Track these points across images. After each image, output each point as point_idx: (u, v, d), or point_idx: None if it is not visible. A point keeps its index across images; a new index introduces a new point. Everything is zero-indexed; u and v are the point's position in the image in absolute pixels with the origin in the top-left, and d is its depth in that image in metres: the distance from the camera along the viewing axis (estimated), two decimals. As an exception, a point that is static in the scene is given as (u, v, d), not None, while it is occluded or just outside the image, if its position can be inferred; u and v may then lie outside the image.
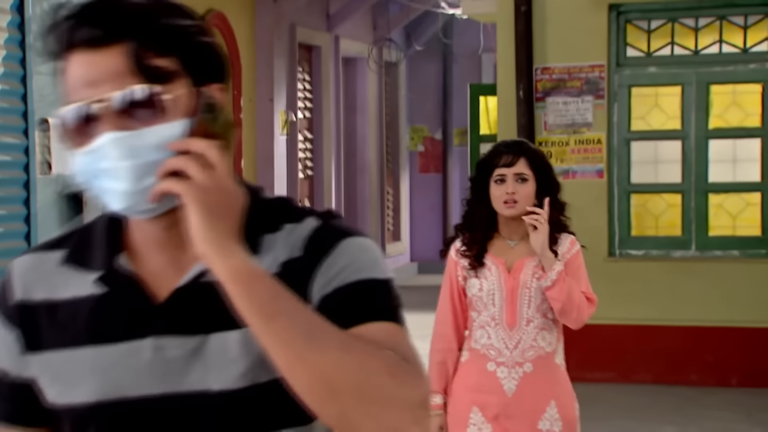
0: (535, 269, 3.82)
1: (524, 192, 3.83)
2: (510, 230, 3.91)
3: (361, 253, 1.66)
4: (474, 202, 3.94)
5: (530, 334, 3.80)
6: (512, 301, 3.81)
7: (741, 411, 7.89)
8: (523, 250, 3.88)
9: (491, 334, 3.83)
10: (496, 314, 3.83)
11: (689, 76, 8.89)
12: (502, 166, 3.86)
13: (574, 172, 8.98)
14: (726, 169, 8.98)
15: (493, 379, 3.81)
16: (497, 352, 3.81)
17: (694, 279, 8.80)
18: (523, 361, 3.80)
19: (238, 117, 11.00)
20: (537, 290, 3.79)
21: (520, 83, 8.92)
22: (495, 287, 3.83)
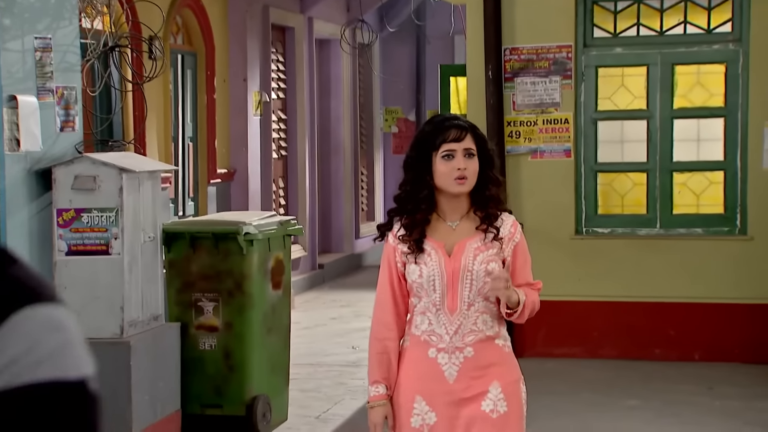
0: (476, 250, 3.70)
1: (473, 168, 3.69)
2: (451, 209, 3.76)
3: (43, 336, 1.15)
4: (415, 181, 3.73)
5: (470, 318, 3.70)
6: (453, 286, 3.70)
7: (702, 384, 8.11)
8: (463, 230, 3.74)
9: (432, 319, 3.72)
10: (437, 300, 3.71)
11: (654, 56, 9.08)
12: (451, 141, 3.68)
13: (543, 151, 9.16)
14: (690, 149, 9.19)
15: (434, 366, 3.71)
16: (438, 338, 3.72)
17: (659, 256, 9.01)
18: (463, 346, 3.70)
19: (212, 97, 11.12)
20: (478, 273, 3.67)
21: (489, 64, 9.08)
22: (435, 273, 3.69)
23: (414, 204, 3.73)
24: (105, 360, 6.33)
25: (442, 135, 3.70)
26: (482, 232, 3.72)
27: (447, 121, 3.76)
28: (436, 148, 3.69)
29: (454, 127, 3.71)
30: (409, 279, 3.73)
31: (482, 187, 3.74)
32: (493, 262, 3.68)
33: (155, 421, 6.61)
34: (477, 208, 3.74)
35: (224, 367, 6.96)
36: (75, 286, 6.36)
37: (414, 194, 3.73)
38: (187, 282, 6.96)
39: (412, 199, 3.73)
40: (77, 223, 6.35)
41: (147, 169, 6.67)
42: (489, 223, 3.72)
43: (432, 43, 16.79)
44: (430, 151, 3.70)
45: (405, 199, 3.76)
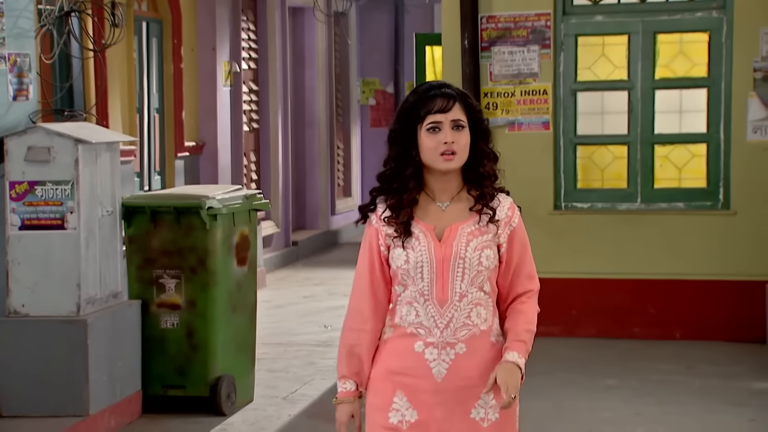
0: (469, 235, 3.45)
1: (462, 141, 3.41)
2: (441, 188, 3.48)
3: None
4: (400, 157, 3.44)
5: (463, 311, 3.44)
6: (443, 274, 3.45)
7: (682, 363, 8.10)
8: (455, 212, 3.48)
9: (419, 310, 3.46)
10: (425, 289, 3.45)
11: (636, 24, 9.03)
12: (437, 111, 3.39)
13: (520, 123, 9.11)
14: (672, 120, 9.15)
15: (420, 361, 3.46)
16: (426, 331, 3.46)
17: (640, 232, 8.98)
18: (455, 342, 3.43)
19: (179, 67, 11.02)
20: (471, 261, 3.43)
21: (465, 32, 9.02)
22: (424, 258, 3.44)
23: (400, 183, 3.46)
24: (61, 339, 6.29)
25: (426, 105, 3.41)
26: (476, 213, 3.46)
27: (433, 89, 3.46)
28: (420, 120, 3.40)
29: (440, 96, 3.42)
30: (393, 265, 3.48)
31: (475, 162, 3.47)
32: (488, 249, 3.44)
33: (114, 402, 6.56)
34: (470, 186, 3.48)
35: (187, 346, 6.91)
36: (29, 262, 6.30)
37: (399, 172, 3.45)
38: (148, 258, 6.90)
39: (397, 178, 3.46)
40: (31, 196, 6.28)
41: (104, 140, 6.60)
42: (484, 204, 3.46)
43: (411, 12, 16.71)
44: (415, 123, 3.41)
45: (390, 177, 3.47)
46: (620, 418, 6.80)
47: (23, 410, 6.28)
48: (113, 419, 6.54)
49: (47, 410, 6.26)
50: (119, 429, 6.59)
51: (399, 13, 16.79)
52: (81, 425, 6.25)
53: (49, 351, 6.27)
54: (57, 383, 6.28)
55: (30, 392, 6.28)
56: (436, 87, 3.46)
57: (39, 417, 6.25)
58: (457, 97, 3.44)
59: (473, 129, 3.45)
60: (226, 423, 6.79)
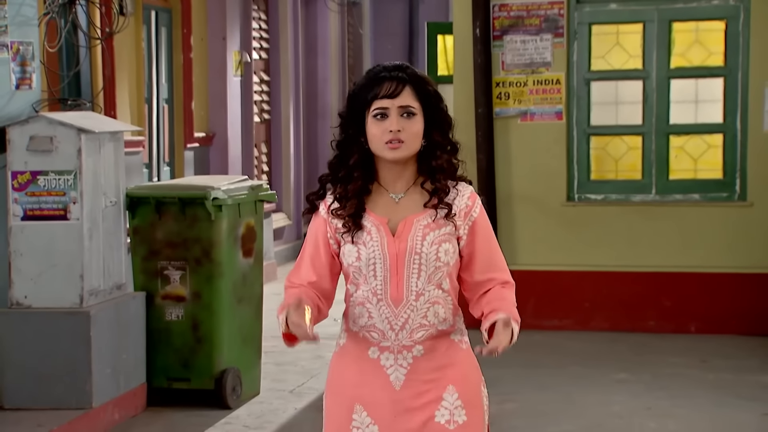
0: (425, 228, 3.23)
1: (412, 129, 3.20)
2: (393, 178, 3.27)
3: None
4: (346, 144, 3.27)
5: (420, 311, 3.22)
6: (398, 271, 3.22)
7: (696, 357, 8.08)
8: (410, 204, 3.26)
9: (372, 312, 3.23)
10: (378, 288, 3.22)
11: (651, 12, 9.00)
12: (383, 97, 3.19)
13: (533, 113, 9.10)
14: (688, 110, 9.12)
15: (376, 368, 3.23)
16: (380, 335, 3.23)
17: (654, 224, 8.96)
18: (411, 344, 3.22)
19: (188, 57, 11.04)
20: (428, 256, 3.21)
21: (477, 21, 9.01)
22: (376, 254, 3.22)
23: (346, 171, 3.26)
24: (63, 331, 6.32)
25: (373, 89, 3.20)
26: (432, 208, 3.24)
27: (384, 71, 3.23)
28: (367, 105, 3.21)
29: (388, 79, 3.20)
30: (345, 262, 3.26)
31: (430, 154, 3.25)
32: (446, 243, 3.23)
33: (118, 394, 6.58)
34: (425, 178, 3.27)
35: (192, 338, 6.93)
36: (31, 253, 6.32)
37: (344, 160, 3.26)
38: (153, 250, 6.92)
39: (342, 166, 3.26)
40: (33, 186, 6.30)
41: (108, 129, 6.62)
42: (439, 199, 3.24)
43: (426, 1, 16.69)
44: (363, 108, 3.22)
45: (336, 165, 3.28)
46: (630, 411, 6.79)
47: (25, 403, 6.30)
48: (117, 412, 6.57)
49: (50, 403, 6.29)
50: (123, 422, 6.61)
51: (414, 2, 16.77)
52: (84, 418, 6.28)
53: (52, 343, 6.30)
54: (60, 376, 6.30)
55: (32, 385, 6.30)
56: (388, 69, 3.24)
57: (41, 410, 6.27)
58: (409, 80, 3.21)
59: (429, 117, 3.24)
60: (231, 416, 6.81)
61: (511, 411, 6.71)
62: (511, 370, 7.70)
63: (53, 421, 6.16)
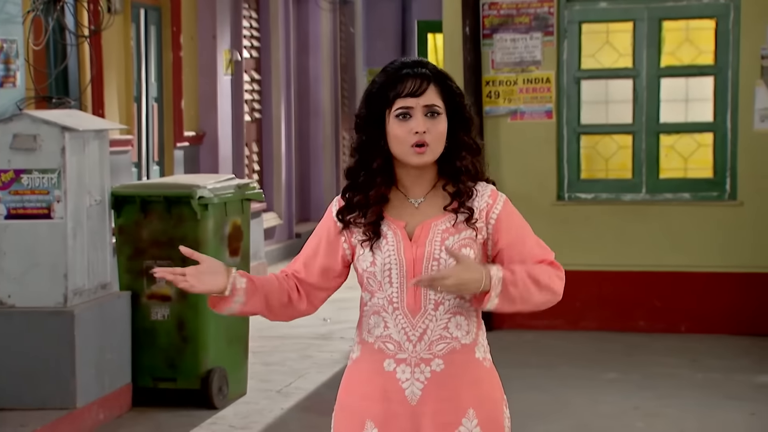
0: (444, 233, 3.04)
1: (437, 130, 3.00)
2: (413, 183, 3.08)
3: None
4: (366, 147, 3.05)
5: (440, 322, 3.04)
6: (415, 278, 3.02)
7: (686, 357, 8.07)
8: (429, 209, 3.08)
9: (388, 321, 3.06)
10: (394, 296, 3.05)
11: (641, 11, 8.99)
12: (407, 95, 3.00)
13: (522, 112, 9.08)
14: (678, 109, 9.11)
15: (392, 381, 3.05)
16: (396, 346, 3.05)
17: (644, 223, 8.95)
18: (430, 357, 3.03)
19: (178, 55, 11.02)
20: (448, 261, 3.01)
21: (467, 19, 8.99)
22: (392, 260, 3.04)
23: (367, 177, 3.05)
24: (47, 330, 6.29)
25: (395, 87, 3.00)
26: (452, 212, 3.05)
27: (405, 68, 3.03)
28: (388, 105, 3.00)
29: (412, 76, 3.01)
30: (359, 268, 3.09)
31: (453, 155, 3.05)
32: (466, 248, 3.04)
33: (103, 394, 6.56)
34: (446, 181, 3.07)
35: (178, 338, 6.90)
36: (15, 252, 6.30)
37: (365, 164, 3.04)
38: (138, 248, 6.90)
39: (363, 171, 3.05)
40: (17, 185, 6.28)
41: (92, 127, 6.59)
42: (460, 203, 3.04)
43: (418, 0, 16.66)
44: (383, 108, 3.01)
45: (355, 170, 3.07)
46: (619, 411, 6.78)
47: (9, 403, 6.27)
48: (102, 412, 6.54)
49: (33, 403, 6.26)
50: (108, 422, 6.59)
51: (406, 1, 16.75)
52: (68, 418, 6.26)
53: (36, 343, 6.27)
54: (43, 375, 6.28)
55: (16, 385, 6.28)
56: (409, 65, 3.03)
57: (25, 410, 6.24)
58: (433, 77, 3.02)
59: (452, 116, 3.04)
60: (217, 416, 6.79)
61: (499, 411, 6.68)
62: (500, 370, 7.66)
63: (37, 421, 6.13)
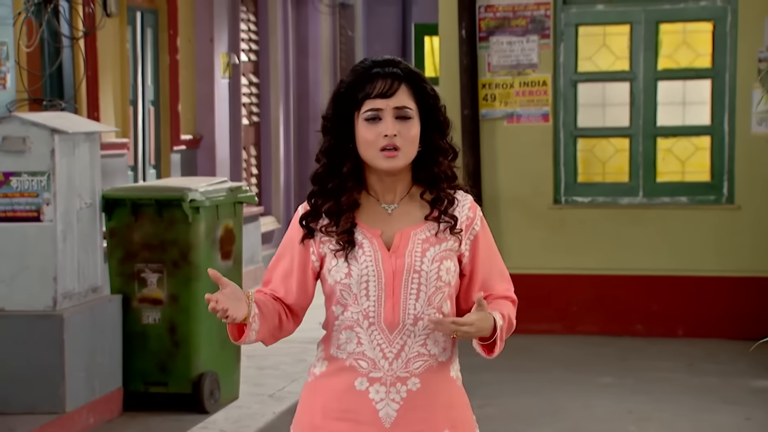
0: (425, 243, 2.87)
1: (409, 134, 2.84)
2: (385, 188, 2.90)
3: None
4: (334, 150, 2.88)
5: (418, 338, 2.85)
6: (394, 291, 2.84)
7: (683, 361, 8.03)
8: (404, 216, 2.90)
9: (362, 338, 2.86)
10: (371, 310, 2.85)
11: (638, 14, 8.96)
12: (377, 96, 2.83)
13: (519, 115, 9.05)
14: (675, 112, 9.08)
15: (364, 401, 2.85)
16: (371, 364, 2.85)
17: (641, 227, 8.91)
18: (407, 376, 2.84)
19: (175, 58, 11.00)
20: (429, 275, 2.84)
21: (463, 22, 8.96)
22: (369, 271, 2.84)
23: (337, 182, 2.87)
24: (37, 334, 6.27)
25: (364, 88, 2.84)
26: (433, 221, 2.89)
27: (375, 67, 2.87)
28: (357, 106, 2.85)
29: (381, 76, 2.84)
30: (330, 280, 2.89)
31: (429, 160, 2.90)
32: (448, 260, 2.87)
33: (93, 398, 6.53)
34: (423, 188, 2.92)
35: (169, 342, 6.88)
36: (4, 255, 6.27)
37: (334, 169, 2.88)
38: (130, 252, 6.87)
39: (333, 176, 2.88)
40: (6, 187, 6.26)
41: (83, 130, 6.57)
42: (442, 211, 2.89)
43: (418, 3, 16.64)
44: (351, 109, 2.86)
45: (324, 175, 2.90)
46: (612, 416, 6.74)
47: (-2, 407, 6.25)
48: (92, 416, 6.52)
49: (22, 407, 6.23)
50: (98, 426, 6.56)
51: (406, 5, 16.73)
52: (57, 422, 6.23)
53: (25, 346, 6.25)
54: (33, 379, 6.25)
55: (4, 388, 6.25)
56: (380, 64, 2.88)
57: (14, 414, 6.22)
58: (404, 78, 2.86)
59: (426, 119, 2.88)
60: (208, 421, 6.76)
61: (491, 415, 6.65)
62: (493, 375, 7.65)
63: (25, 425, 6.11)
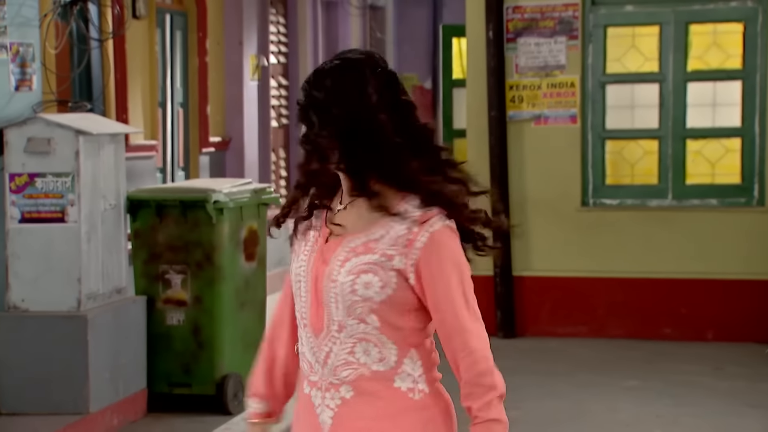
0: (350, 252, 2.65)
1: None
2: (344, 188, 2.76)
3: None
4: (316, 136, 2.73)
5: (344, 345, 2.67)
6: (317, 296, 2.69)
7: (710, 365, 7.96)
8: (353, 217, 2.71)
9: (303, 339, 2.76)
10: (303, 311, 2.73)
11: (667, 14, 8.89)
12: None
13: (546, 117, 9.01)
14: (705, 114, 9.01)
15: (308, 405, 2.76)
16: (308, 367, 2.75)
17: (670, 229, 8.84)
18: (338, 383, 2.69)
19: (204, 60, 11.03)
20: (344, 287, 2.64)
21: (490, 23, 8.94)
22: (302, 271, 2.72)
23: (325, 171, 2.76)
24: (61, 334, 6.30)
25: None
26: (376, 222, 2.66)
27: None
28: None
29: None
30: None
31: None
32: (368, 274, 2.64)
33: (117, 399, 6.55)
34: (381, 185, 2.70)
35: (193, 343, 6.89)
36: (28, 255, 6.30)
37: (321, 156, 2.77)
38: (154, 253, 6.89)
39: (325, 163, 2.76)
40: (31, 188, 6.29)
41: (107, 131, 6.59)
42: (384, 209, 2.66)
43: (449, 5, 16.60)
44: None
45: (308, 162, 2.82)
46: (637, 419, 6.69)
47: (22, 407, 6.28)
48: (116, 417, 6.53)
49: (47, 408, 6.26)
50: (122, 427, 6.58)
51: (437, 7, 16.70)
52: (80, 423, 6.25)
53: (49, 347, 6.27)
54: (57, 380, 6.28)
55: (30, 389, 6.28)
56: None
57: (38, 414, 6.25)
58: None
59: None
60: (231, 422, 6.77)
61: (515, 418, 6.57)
62: (520, 378, 7.61)
63: (49, 425, 6.14)
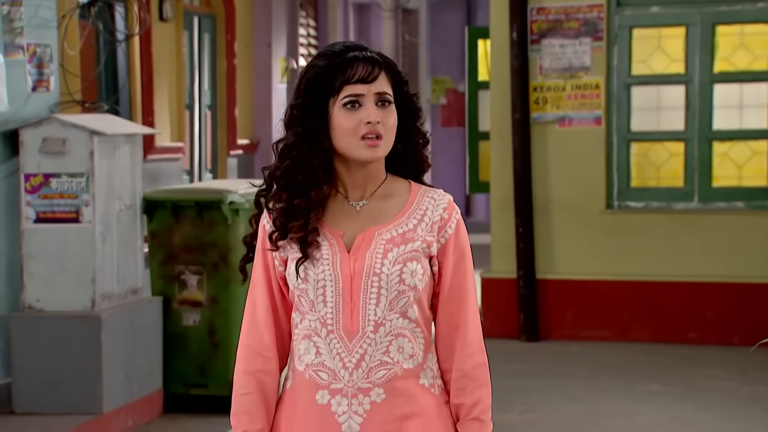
0: (388, 244, 2.65)
1: (389, 122, 2.64)
2: (356, 183, 2.70)
3: None
4: (304, 140, 2.64)
5: (380, 345, 2.64)
6: (353, 296, 2.65)
7: (734, 369, 7.84)
8: (372, 213, 2.70)
9: (321, 347, 2.66)
10: (329, 317, 2.66)
11: (694, 16, 8.78)
12: (358, 81, 2.63)
13: (571, 119, 8.92)
14: (732, 116, 8.88)
15: (326, 416, 2.65)
16: (331, 375, 2.65)
17: (696, 232, 8.72)
18: (369, 387, 2.64)
19: (232, 63, 11.03)
20: (391, 278, 2.63)
21: (514, 24, 8.86)
22: (326, 275, 2.65)
23: (307, 176, 2.65)
24: (75, 334, 6.29)
25: (343, 72, 2.63)
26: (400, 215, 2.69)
27: (351, 51, 2.66)
28: (334, 92, 2.64)
29: (361, 60, 2.64)
30: (290, 284, 2.70)
31: (404, 148, 2.72)
32: (413, 262, 2.66)
33: (132, 400, 6.53)
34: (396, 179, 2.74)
35: (209, 344, 6.86)
36: (43, 256, 6.30)
37: (305, 161, 2.64)
38: (170, 254, 6.87)
39: (302, 169, 2.64)
40: (46, 188, 6.29)
41: (123, 132, 6.58)
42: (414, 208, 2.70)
43: (483, 8, 16.53)
44: (326, 96, 2.64)
45: (292, 168, 2.65)
46: (655, 423, 6.60)
47: (36, 407, 6.27)
48: (130, 418, 6.52)
49: (60, 408, 6.25)
50: (137, 428, 6.56)
51: (471, 9, 16.64)
52: (94, 423, 6.24)
53: (63, 347, 6.27)
54: (70, 380, 6.27)
55: (43, 389, 6.28)
56: (355, 48, 2.67)
57: (52, 414, 6.24)
58: (383, 63, 2.67)
59: (401, 105, 2.69)
60: (246, 423, 6.72)
61: (532, 421, 6.55)
62: (539, 381, 7.55)
63: (63, 425, 6.12)
